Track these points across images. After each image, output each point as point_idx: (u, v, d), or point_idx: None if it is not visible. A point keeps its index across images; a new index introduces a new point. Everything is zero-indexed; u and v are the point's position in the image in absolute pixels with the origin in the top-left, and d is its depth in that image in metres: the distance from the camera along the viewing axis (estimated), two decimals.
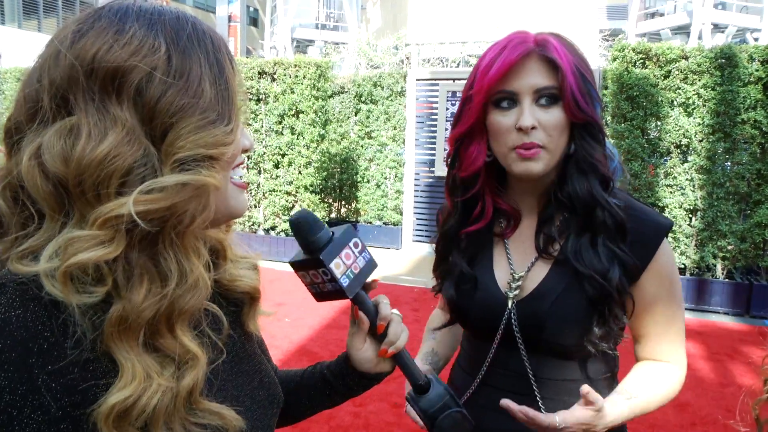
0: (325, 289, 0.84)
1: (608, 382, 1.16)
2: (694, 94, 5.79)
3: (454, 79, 7.87)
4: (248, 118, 7.51)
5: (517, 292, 1.12)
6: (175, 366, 0.64)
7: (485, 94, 1.07)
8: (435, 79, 8.00)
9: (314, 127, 7.42)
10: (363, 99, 8.50)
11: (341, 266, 0.82)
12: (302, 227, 0.81)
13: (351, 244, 0.83)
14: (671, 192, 5.99)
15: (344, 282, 0.81)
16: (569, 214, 1.10)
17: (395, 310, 0.89)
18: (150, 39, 0.63)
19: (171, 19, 0.66)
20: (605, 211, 1.06)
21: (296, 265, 0.84)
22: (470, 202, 1.17)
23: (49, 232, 0.61)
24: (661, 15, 21.76)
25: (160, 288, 0.62)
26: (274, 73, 7.52)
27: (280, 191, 7.59)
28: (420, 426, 0.97)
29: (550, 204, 1.12)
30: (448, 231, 1.20)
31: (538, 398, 1.11)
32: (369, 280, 0.88)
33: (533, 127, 1.04)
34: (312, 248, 0.81)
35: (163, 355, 0.63)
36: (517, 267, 1.15)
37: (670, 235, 5.97)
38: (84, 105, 0.61)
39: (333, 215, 8.98)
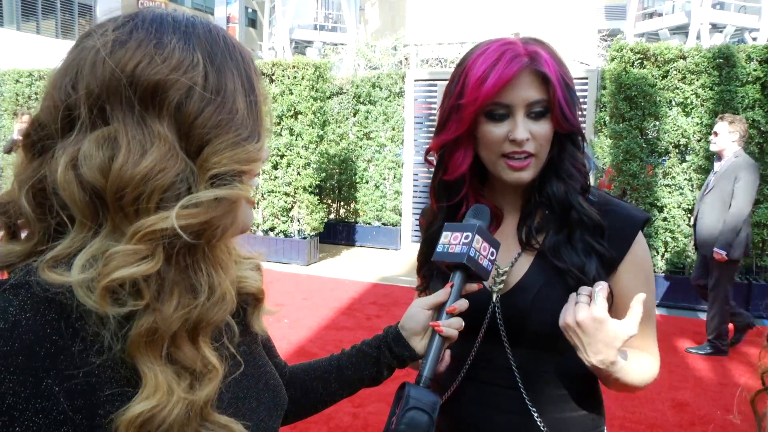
0: (453, 250, 0.99)
1: (592, 379, 1.16)
2: (692, 94, 5.80)
3: None
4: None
5: (501, 286, 1.15)
6: (191, 377, 0.64)
7: (479, 107, 1.08)
8: (433, 80, 8.01)
9: (313, 128, 7.42)
10: (361, 100, 8.50)
11: (479, 244, 0.98)
12: (484, 212, 1.05)
13: (495, 250, 1.01)
14: (670, 192, 6.00)
15: (471, 252, 0.97)
16: (549, 212, 1.14)
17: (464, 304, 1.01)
18: (189, 54, 0.64)
19: (204, 32, 0.67)
20: (580, 213, 1.11)
21: (452, 224, 1.04)
22: (454, 204, 1.20)
23: (80, 240, 0.61)
24: (660, 15, 21.80)
25: (190, 300, 0.63)
26: (273, 74, 7.52)
27: (278, 192, 7.59)
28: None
29: (531, 201, 1.16)
30: (434, 233, 1.21)
31: (522, 390, 1.13)
32: (475, 285, 1.02)
33: (526, 139, 1.08)
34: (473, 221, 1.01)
35: (181, 366, 0.64)
36: (501, 263, 1.17)
37: (668, 234, 5.98)
38: (122, 116, 0.61)
39: (332, 216, 8.98)
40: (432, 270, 1.24)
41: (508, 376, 1.14)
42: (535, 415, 1.12)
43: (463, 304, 0.99)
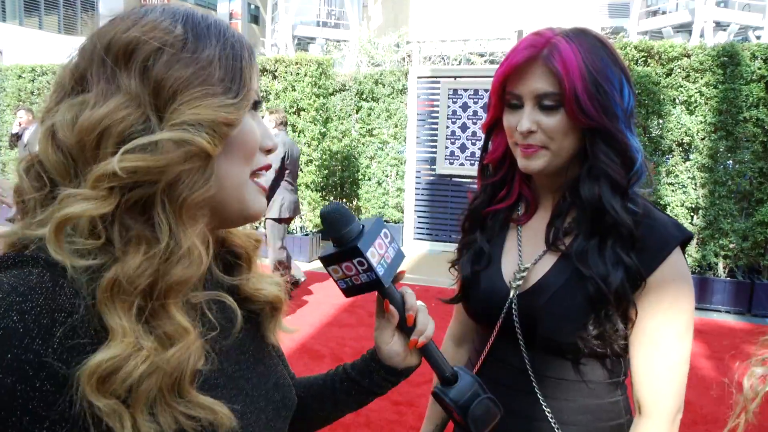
0: (358, 281, 0.82)
1: (611, 388, 1.13)
2: (696, 92, 5.78)
3: (455, 77, 7.86)
4: None
5: (520, 282, 1.12)
6: (163, 338, 0.62)
7: (494, 93, 1.13)
8: (436, 77, 7.99)
9: (315, 124, 7.41)
10: (364, 97, 8.49)
11: (376, 255, 0.81)
12: (335, 219, 0.80)
13: (382, 234, 0.83)
14: (673, 190, 5.99)
15: (380, 271, 0.81)
16: (581, 214, 1.09)
17: (419, 302, 0.89)
18: (167, 23, 0.65)
19: (195, 15, 0.69)
20: (615, 218, 1.04)
21: (328, 259, 0.82)
22: (498, 187, 1.23)
23: None
24: (663, 13, 21.71)
25: (154, 254, 0.61)
26: (276, 71, 7.51)
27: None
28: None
29: (564, 201, 1.13)
30: (475, 209, 1.25)
31: (539, 396, 1.09)
32: (397, 271, 0.87)
33: (531, 131, 1.06)
34: (346, 239, 0.80)
35: (152, 327, 0.62)
36: (525, 259, 1.15)
37: None
38: (97, 80, 0.63)
39: None
40: (468, 244, 1.25)
41: (524, 379, 1.10)
42: (553, 422, 1.09)
43: (413, 304, 0.87)
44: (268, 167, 0.75)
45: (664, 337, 1.05)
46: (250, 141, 0.70)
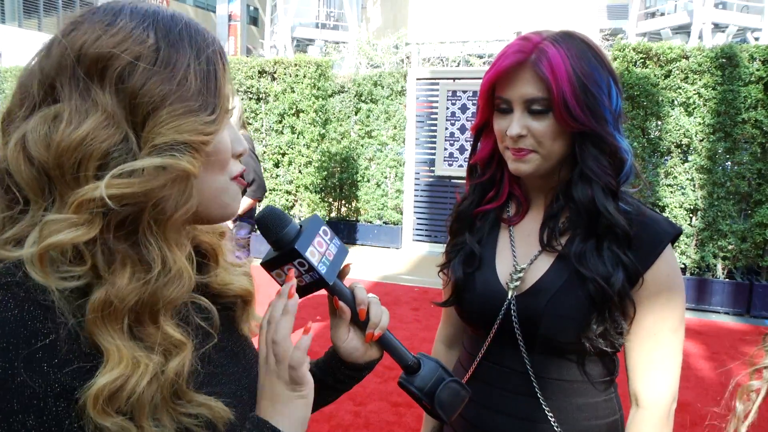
0: (302, 283, 0.81)
1: (606, 386, 1.14)
2: (694, 94, 5.78)
3: (454, 79, 7.87)
4: (248, 117, 7.51)
5: (518, 283, 1.12)
6: (160, 355, 0.63)
7: (483, 97, 1.13)
8: (435, 79, 7.99)
9: (314, 126, 7.41)
10: (363, 98, 8.49)
11: (316, 254, 0.80)
12: (270, 223, 0.79)
13: (320, 232, 0.82)
14: (672, 192, 5.99)
15: (322, 269, 0.80)
16: (575, 215, 1.10)
17: (371, 294, 0.88)
18: (138, 31, 0.63)
19: (165, 17, 0.67)
20: (610, 220, 1.05)
21: (269, 264, 0.81)
22: (487, 187, 1.22)
23: (34, 219, 0.61)
24: (662, 14, 21.75)
25: (143, 274, 0.62)
26: (275, 72, 7.51)
27: (280, 190, 7.58)
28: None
29: (557, 201, 1.13)
30: (463, 211, 1.25)
31: (540, 397, 1.09)
32: (341, 266, 0.86)
33: (521, 136, 1.07)
34: (284, 242, 0.79)
35: (147, 345, 0.63)
36: (520, 259, 1.15)
37: None
38: (69, 92, 0.61)
39: (333, 214, 8.98)
40: (457, 246, 1.24)
41: (521, 381, 1.10)
42: (553, 421, 1.09)
43: (363, 298, 0.86)
44: (243, 172, 0.75)
45: (661, 331, 1.08)
46: (224, 150, 0.70)
